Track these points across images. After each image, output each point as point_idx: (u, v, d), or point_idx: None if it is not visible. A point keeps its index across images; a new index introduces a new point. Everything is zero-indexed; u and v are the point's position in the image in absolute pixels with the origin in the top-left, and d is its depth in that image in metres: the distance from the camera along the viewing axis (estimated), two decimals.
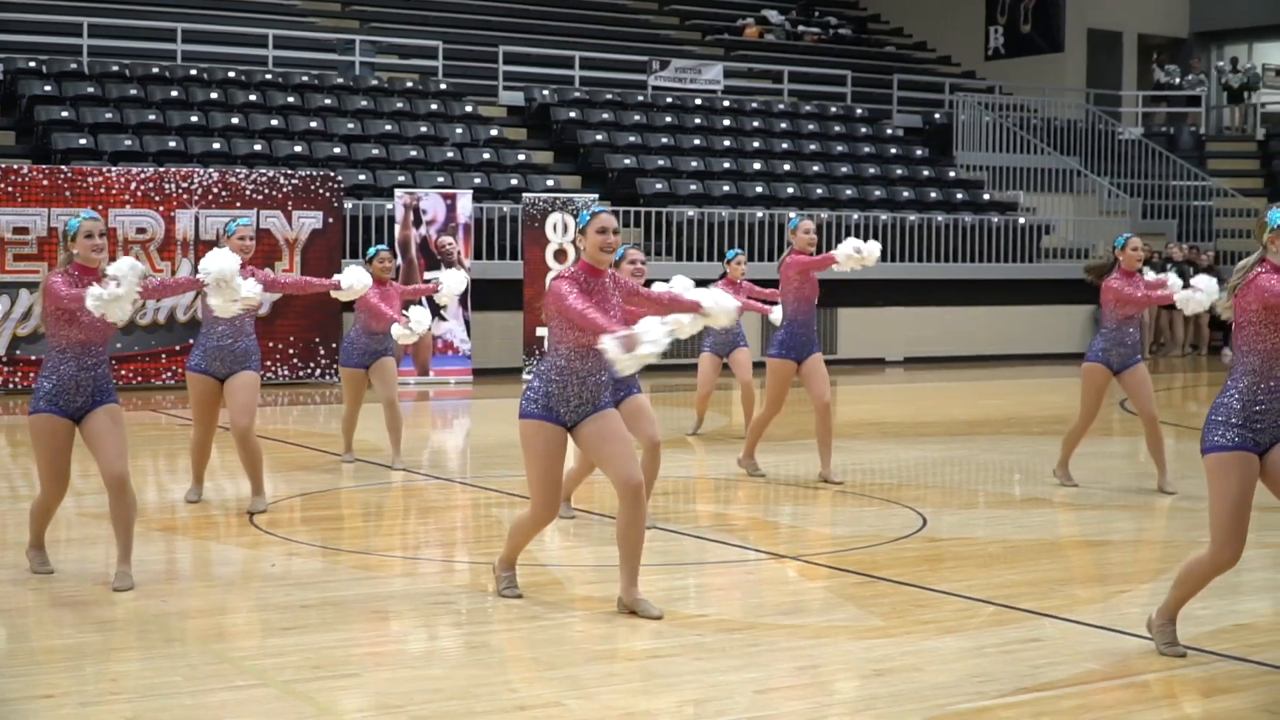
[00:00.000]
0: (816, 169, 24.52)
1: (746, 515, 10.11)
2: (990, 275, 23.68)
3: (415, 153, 21.44)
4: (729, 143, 24.43)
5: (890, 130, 26.94)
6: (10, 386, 16.65)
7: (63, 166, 17.41)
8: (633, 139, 23.65)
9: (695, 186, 22.77)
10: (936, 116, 27.75)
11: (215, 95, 21.27)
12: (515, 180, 21.32)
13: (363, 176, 20.46)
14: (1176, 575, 6.40)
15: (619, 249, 7.89)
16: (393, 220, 18.84)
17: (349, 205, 19.13)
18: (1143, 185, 28.03)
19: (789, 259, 10.65)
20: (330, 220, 18.17)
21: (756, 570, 8.30)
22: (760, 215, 22.07)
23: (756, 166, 24.00)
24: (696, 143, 24.18)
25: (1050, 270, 24.25)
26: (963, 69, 30.81)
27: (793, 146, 24.98)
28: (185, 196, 17.40)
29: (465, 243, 18.87)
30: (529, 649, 6.54)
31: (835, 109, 26.87)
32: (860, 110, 27.14)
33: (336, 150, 20.98)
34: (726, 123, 25.11)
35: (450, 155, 21.66)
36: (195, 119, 20.65)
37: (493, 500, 10.42)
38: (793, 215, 11.66)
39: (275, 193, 17.88)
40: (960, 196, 24.96)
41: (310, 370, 18.12)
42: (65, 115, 19.86)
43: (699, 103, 25.35)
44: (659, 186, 22.42)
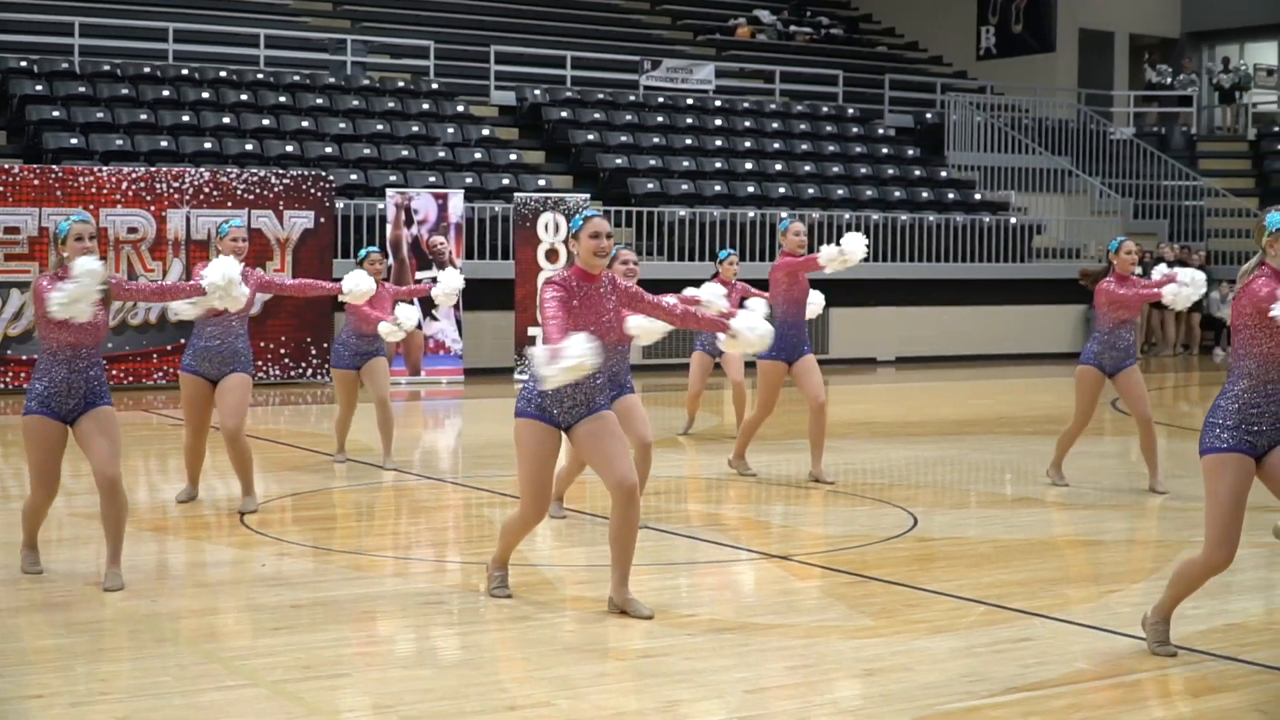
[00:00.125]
0: (808, 169, 24.53)
1: (738, 515, 10.11)
2: (982, 275, 23.70)
3: (407, 152, 21.43)
4: (721, 142, 24.43)
5: (882, 130, 26.96)
6: (2, 387, 16.63)
7: (54, 166, 17.37)
8: (624, 139, 23.65)
9: (687, 186, 22.77)
10: (928, 116, 27.77)
11: (207, 95, 21.25)
12: (507, 180, 21.31)
13: (354, 176, 20.44)
14: (1171, 575, 6.42)
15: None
16: (384, 220, 18.82)
17: (341, 205, 19.11)
18: (1134, 185, 28.05)
19: (778, 261, 10.74)
20: (322, 220, 18.15)
21: (748, 570, 8.31)
22: (752, 215, 22.07)
23: (748, 166, 24.00)
24: (688, 142, 24.19)
25: (1041, 270, 24.28)
26: (954, 69, 30.83)
27: (784, 146, 24.98)
28: (177, 196, 17.38)
29: (457, 242, 18.86)
30: (520, 649, 6.54)
31: (827, 109, 26.88)
32: (852, 110, 27.15)
33: (328, 150, 20.96)
34: (718, 123, 25.12)
35: (442, 155, 21.65)
36: (187, 118, 20.64)
37: (484, 500, 10.41)
38: (784, 216, 11.67)
39: (267, 192, 17.86)
40: (952, 196, 24.98)
41: (301, 370, 18.10)
42: (56, 115, 19.84)
43: (691, 103, 25.36)
44: (651, 186, 22.42)
